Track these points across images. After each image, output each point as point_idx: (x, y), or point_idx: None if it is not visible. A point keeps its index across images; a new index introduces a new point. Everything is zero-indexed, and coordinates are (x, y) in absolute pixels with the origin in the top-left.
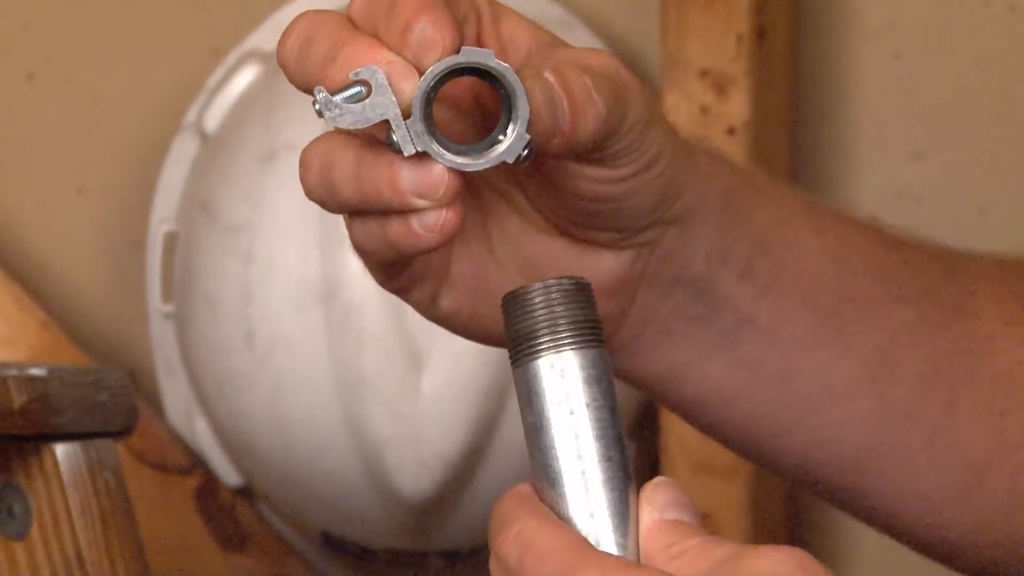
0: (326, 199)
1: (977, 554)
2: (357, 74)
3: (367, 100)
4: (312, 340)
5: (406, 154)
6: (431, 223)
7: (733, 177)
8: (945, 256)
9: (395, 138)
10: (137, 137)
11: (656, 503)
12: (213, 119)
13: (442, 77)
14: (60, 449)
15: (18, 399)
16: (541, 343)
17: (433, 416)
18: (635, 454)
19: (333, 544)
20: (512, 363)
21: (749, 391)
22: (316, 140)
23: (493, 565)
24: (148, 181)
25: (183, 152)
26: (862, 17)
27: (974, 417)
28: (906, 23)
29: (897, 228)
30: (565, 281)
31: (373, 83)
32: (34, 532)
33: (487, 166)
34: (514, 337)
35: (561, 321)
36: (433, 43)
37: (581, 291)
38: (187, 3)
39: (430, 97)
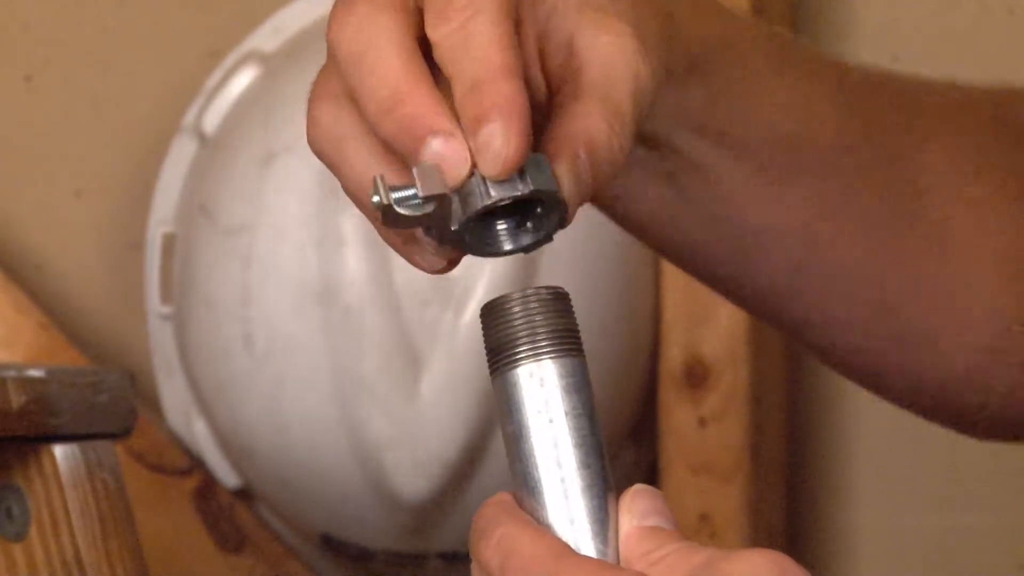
0: (329, 168)
1: (892, 380)
2: (424, 180)
3: (427, 212)
4: (311, 342)
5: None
6: (427, 262)
7: (704, 35)
8: (905, 100)
9: (433, 237)
10: (136, 139)
11: (635, 510)
12: (212, 121)
13: None
14: (59, 450)
15: (16, 400)
16: (520, 352)
17: (432, 418)
18: (633, 456)
19: (332, 545)
20: (491, 372)
21: (685, 223)
22: (324, 100)
23: (475, 572)
24: (146, 183)
25: (182, 154)
26: (861, 19)
27: (896, 263)
28: (904, 25)
29: (863, 66)
30: (543, 290)
31: (440, 198)
32: (33, 533)
33: (502, 255)
34: (493, 346)
35: (540, 330)
36: (499, 158)
37: (559, 300)
38: (185, 5)
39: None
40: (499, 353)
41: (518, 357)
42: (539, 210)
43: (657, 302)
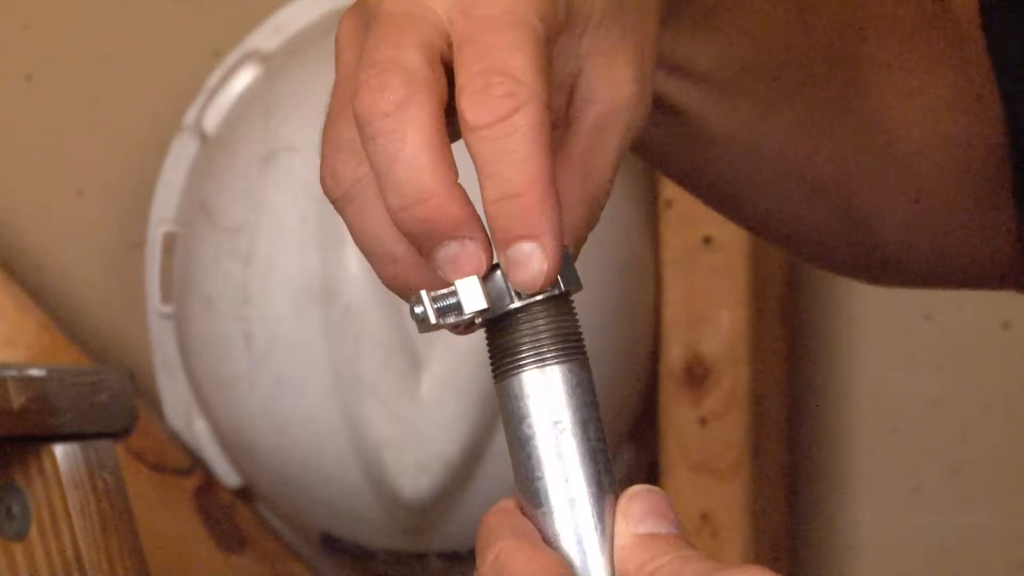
0: (344, 218)
1: (830, 256)
2: (467, 296)
3: (465, 321)
4: (311, 341)
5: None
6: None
7: None
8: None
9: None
10: (136, 138)
11: (631, 516)
12: (212, 120)
13: None
14: (59, 450)
15: (17, 400)
16: (524, 357)
17: (432, 417)
18: (634, 456)
19: (332, 545)
20: (495, 377)
21: (655, 130)
22: (344, 152)
23: None
24: (147, 182)
25: (182, 153)
26: None
27: (834, 153)
28: None
29: None
30: (546, 294)
31: (481, 311)
32: (33, 533)
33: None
34: (496, 351)
35: (544, 334)
36: (536, 277)
37: (562, 302)
38: (186, 4)
39: None
40: (503, 357)
41: (522, 362)
42: None
43: (658, 302)
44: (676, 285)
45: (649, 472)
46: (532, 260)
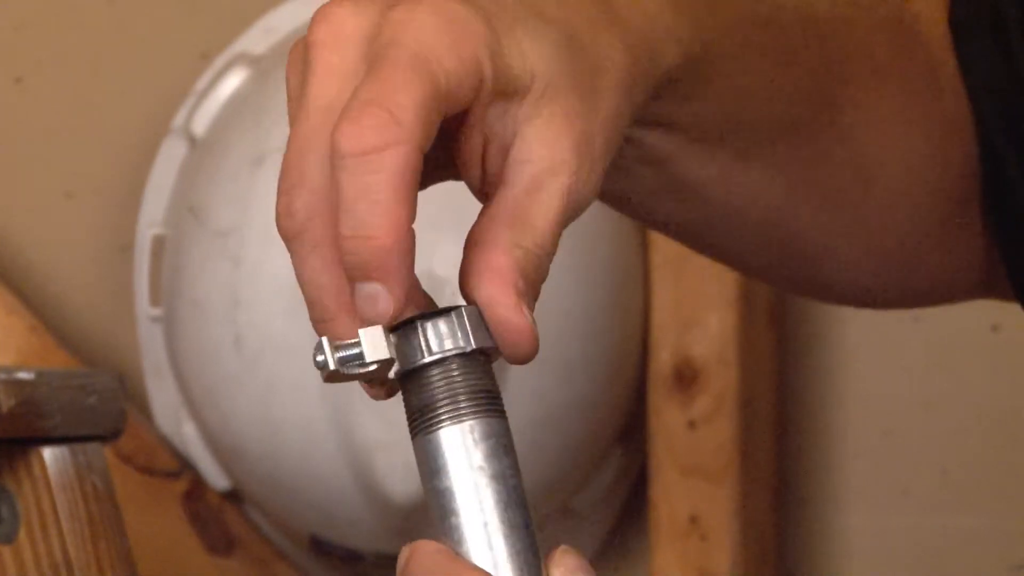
0: (290, 252)
1: (803, 288)
2: (370, 344)
3: (369, 372)
4: (301, 344)
5: None
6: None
7: (687, 50)
8: (828, 40)
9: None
10: (126, 141)
11: (566, 566)
12: (201, 123)
13: None
14: (48, 453)
15: (6, 403)
16: (441, 413)
17: None
18: (623, 459)
19: (321, 548)
20: (412, 433)
21: (630, 179)
22: (299, 193)
23: None
24: (137, 185)
25: (171, 156)
26: None
27: (815, 207)
28: None
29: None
30: (457, 350)
31: (385, 361)
32: (22, 536)
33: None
34: (411, 410)
35: (459, 390)
36: (378, 316)
37: (473, 360)
38: (176, 7)
39: None
40: (417, 416)
41: (440, 418)
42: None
43: (647, 305)
44: (665, 288)
45: (638, 475)
46: (379, 300)
